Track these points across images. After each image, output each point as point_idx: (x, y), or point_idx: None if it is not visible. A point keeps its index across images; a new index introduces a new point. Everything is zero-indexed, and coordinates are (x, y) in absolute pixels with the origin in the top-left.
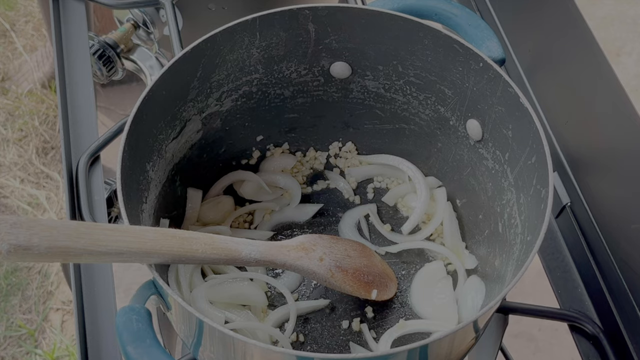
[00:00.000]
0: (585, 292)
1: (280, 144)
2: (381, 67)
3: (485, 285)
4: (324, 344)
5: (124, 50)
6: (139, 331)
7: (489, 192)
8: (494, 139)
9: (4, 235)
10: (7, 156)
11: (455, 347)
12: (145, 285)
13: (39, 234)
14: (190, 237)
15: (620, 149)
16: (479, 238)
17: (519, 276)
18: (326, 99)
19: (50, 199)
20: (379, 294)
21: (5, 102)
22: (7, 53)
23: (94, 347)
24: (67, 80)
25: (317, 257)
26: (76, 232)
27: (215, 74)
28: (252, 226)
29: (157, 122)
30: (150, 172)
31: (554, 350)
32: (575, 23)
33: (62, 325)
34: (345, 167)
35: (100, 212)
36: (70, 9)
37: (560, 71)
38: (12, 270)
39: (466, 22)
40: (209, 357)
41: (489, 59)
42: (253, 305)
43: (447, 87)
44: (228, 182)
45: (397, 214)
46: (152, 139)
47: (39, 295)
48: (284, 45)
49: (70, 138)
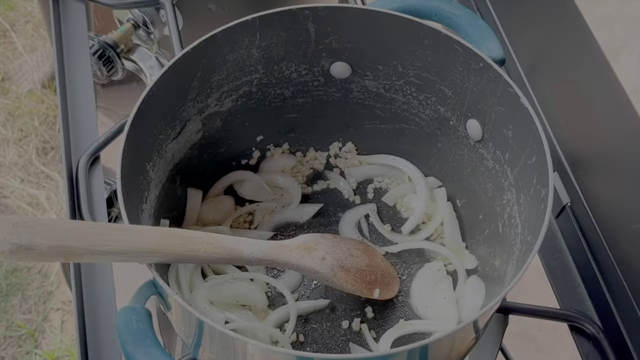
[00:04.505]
0: (585, 292)
1: (280, 144)
2: (381, 67)
3: (485, 285)
4: (324, 344)
5: (124, 50)
6: (139, 331)
7: (489, 192)
8: (494, 139)
9: (6, 235)
10: (7, 156)
11: (455, 347)
12: (145, 286)
13: (41, 234)
14: (192, 236)
15: (620, 149)
16: (479, 238)
17: (519, 276)
18: (326, 99)
19: (50, 199)
20: (381, 293)
21: (5, 102)
22: (7, 53)
23: (94, 347)
24: (67, 80)
25: (319, 256)
26: (78, 232)
27: (215, 74)
28: (252, 226)
29: (157, 122)
30: (150, 172)
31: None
32: (575, 23)
33: (62, 325)
34: (345, 167)
35: (100, 212)
36: (70, 9)
37: (560, 71)
38: (12, 270)
39: (466, 22)
40: (209, 357)
41: (489, 59)
42: (253, 305)
43: (447, 87)
44: (228, 182)
45: (397, 214)
46: (152, 139)
47: (39, 295)
48: (284, 45)
49: (70, 138)
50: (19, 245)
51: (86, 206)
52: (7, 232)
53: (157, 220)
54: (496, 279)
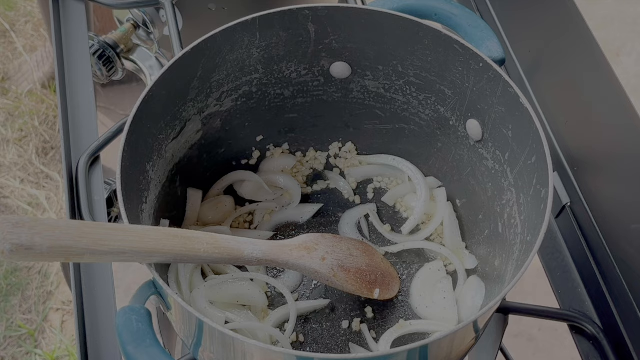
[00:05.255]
0: (585, 292)
1: (280, 144)
2: (381, 67)
3: (485, 285)
4: (324, 344)
5: (124, 50)
6: (139, 331)
7: (489, 192)
8: (494, 139)
9: (6, 235)
10: (7, 156)
11: (455, 347)
12: (145, 286)
13: (41, 234)
14: (193, 236)
15: (620, 149)
16: (479, 238)
17: (519, 276)
18: (326, 99)
19: (50, 199)
20: (381, 293)
21: (5, 102)
22: (7, 53)
23: (94, 347)
24: (67, 80)
25: (319, 256)
26: (78, 232)
27: (215, 74)
28: (252, 226)
29: (157, 122)
30: (150, 172)
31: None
32: (575, 23)
33: (62, 325)
34: (345, 167)
35: (100, 212)
36: (70, 9)
37: (560, 71)
38: (12, 270)
39: (466, 22)
40: (209, 357)
41: (489, 59)
42: (253, 305)
43: (447, 87)
44: (228, 182)
45: (397, 214)
46: (152, 139)
47: (39, 295)
48: (284, 45)
49: (70, 138)
50: (19, 245)
51: (86, 206)
52: (7, 232)
53: (157, 220)
54: (496, 279)
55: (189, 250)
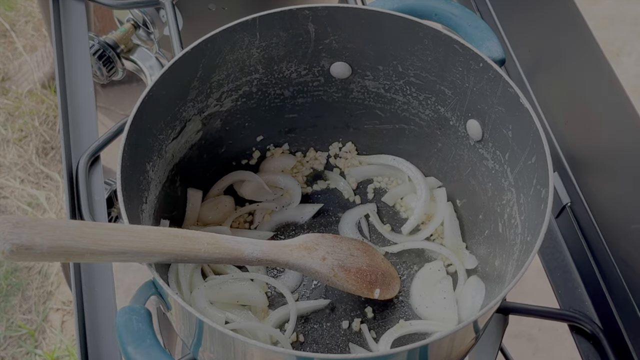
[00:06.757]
0: (585, 292)
1: (280, 144)
2: (381, 67)
3: (485, 285)
4: (324, 344)
5: (124, 51)
6: (139, 331)
7: (489, 192)
8: (494, 139)
9: (6, 235)
10: (7, 156)
11: (455, 347)
12: (145, 286)
13: (42, 234)
14: (193, 236)
15: (620, 149)
16: (479, 238)
17: (519, 276)
18: (326, 99)
19: (50, 199)
20: (381, 293)
21: (5, 102)
22: (7, 53)
23: (94, 347)
24: (67, 80)
25: (319, 256)
26: (79, 232)
27: (215, 74)
28: (252, 226)
29: (157, 122)
30: (150, 172)
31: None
32: (575, 23)
33: (62, 325)
34: (345, 167)
35: (100, 212)
36: (70, 9)
37: (560, 71)
38: (12, 270)
39: (466, 22)
40: (209, 357)
41: (489, 59)
42: (253, 305)
43: (447, 87)
44: (228, 182)
45: (397, 214)
46: (152, 139)
47: (39, 295)
48: (284, 45)
49: (70, 138)
50: (19, 245)
51: (86, 206)
52: (7, 232)
53: (157, 220)
54: (496, 279)
55: (189, 250)
